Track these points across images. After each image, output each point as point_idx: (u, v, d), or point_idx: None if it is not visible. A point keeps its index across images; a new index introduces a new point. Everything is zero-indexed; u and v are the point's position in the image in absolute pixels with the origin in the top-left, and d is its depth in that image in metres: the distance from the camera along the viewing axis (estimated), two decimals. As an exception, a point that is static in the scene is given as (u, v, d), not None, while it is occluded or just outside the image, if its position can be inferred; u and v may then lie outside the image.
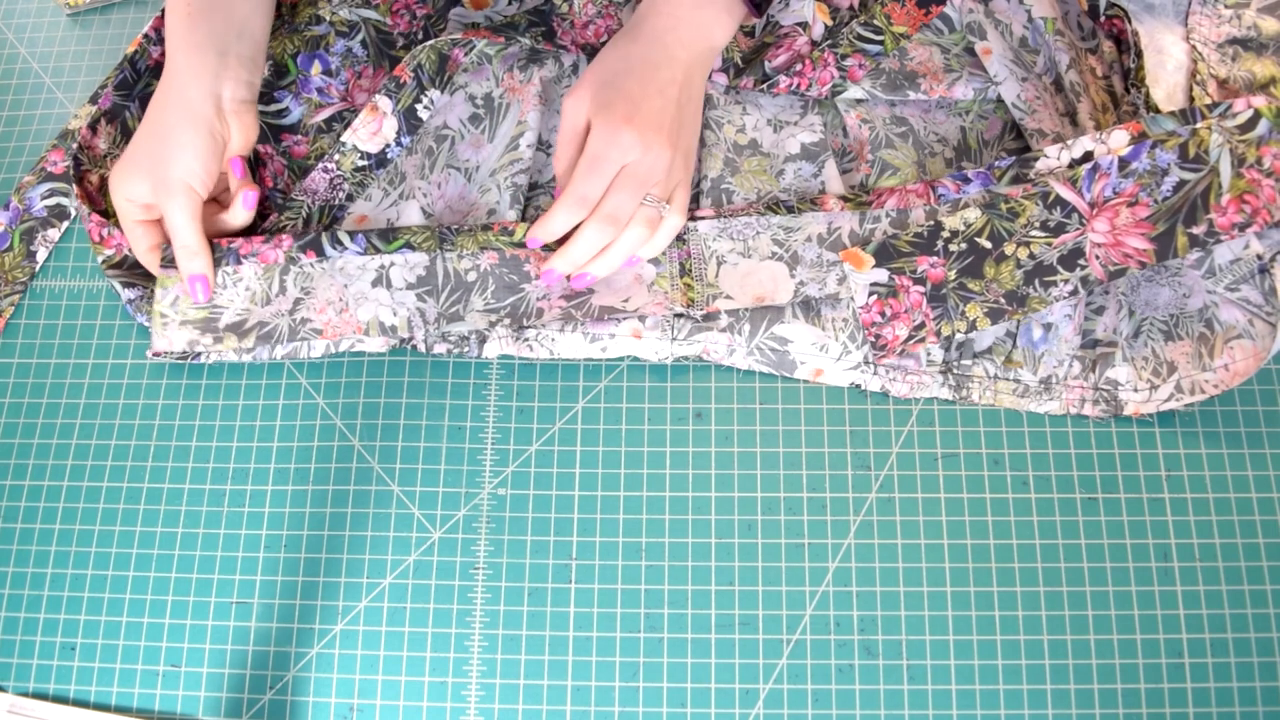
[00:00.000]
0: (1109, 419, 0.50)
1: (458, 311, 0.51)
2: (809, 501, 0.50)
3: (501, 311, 0.51)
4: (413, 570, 0.50)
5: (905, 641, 0.47)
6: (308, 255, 0.52)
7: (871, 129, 0.56)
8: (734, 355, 0.51)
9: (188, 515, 0.51)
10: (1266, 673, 0.46)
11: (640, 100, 0.49)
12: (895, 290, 0.50)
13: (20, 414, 0.54)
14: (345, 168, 0.55)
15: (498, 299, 0.51)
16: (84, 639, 0.50)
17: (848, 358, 0.51)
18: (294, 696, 0.48)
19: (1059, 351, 0.50)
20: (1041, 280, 0.49)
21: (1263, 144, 0.48)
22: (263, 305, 0.52)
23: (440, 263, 0.52)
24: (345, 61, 0.57)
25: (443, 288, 0.51)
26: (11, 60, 0.64)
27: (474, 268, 0.52)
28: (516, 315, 0.51)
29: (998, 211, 0.50)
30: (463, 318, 0.51)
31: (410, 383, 0.53)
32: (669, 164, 0.49)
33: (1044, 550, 0.49)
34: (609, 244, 0.49)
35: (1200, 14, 0.55)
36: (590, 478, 0.51)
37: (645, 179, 0.48)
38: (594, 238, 0.49)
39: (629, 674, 0.48)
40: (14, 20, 0.65)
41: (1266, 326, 0.49)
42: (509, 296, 0.51)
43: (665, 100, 0.49)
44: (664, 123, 0.49)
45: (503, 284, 0.51)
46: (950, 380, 0.51)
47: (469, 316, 0.51)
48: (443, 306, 0.51)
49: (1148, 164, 0.49)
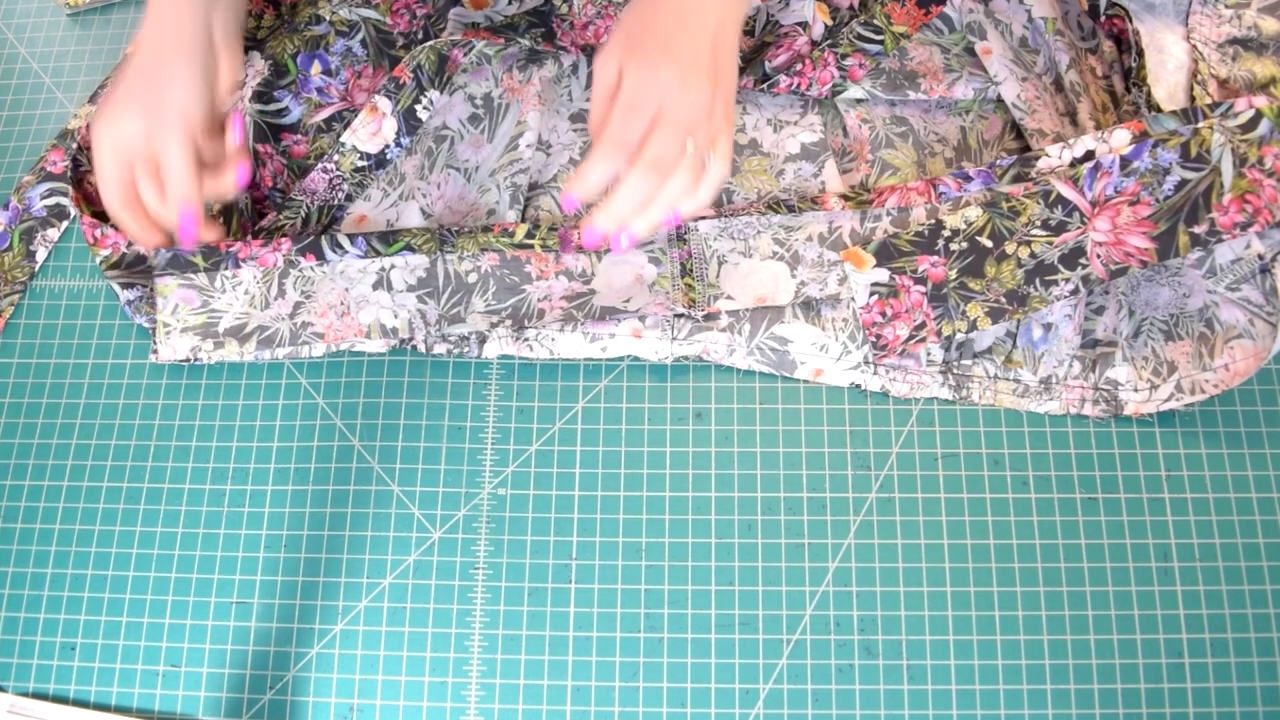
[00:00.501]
0: (1109, 419, 0.50)
1: (459, 313, 0.51)
2: (809, 501, 0.50)
3: (503, 312, 0.51)
4: (413, 570, 0.50)
5: (905, 641, 0.47)
6: (307, 259, 0.52)
7: (871, 129, 0.56)
8: (734, 355, 0.51)
9: (188, 515, 0.51)
10: (1266, 673, 0.46)
11: (674, 38, 0.45)
12: (896, 290, 0.50)
13: (20, 414, 0.54)
14: (344, 168, 0.55)
15: (499, 300, 0.51)
16: (84, 639, 0.50)
17: (848, 358, 0.51)
18: (294, 696, 0.48)
19: (1059, 351, 0.50)
20: (1042, 279, 0.49)
21: (1264, 144, 0.48)
22: (262, 309, 0.52)
23: (441, 264, 0.52)
24: (345, 61, 0.57)
25: (443, 289, 0.51)
26: (11, 60, 0.64)
27: (475, 269, 0.52)
28: (518, 316, 0.51)
29: (999, 210, 0.50)
30: (464, 319, 0.51)
31: (410, 383, 0.53)
32: (709, 103, 0.45)
33: (1044, 550, 0.49)
34: (652, 196, 0.45)
35: (1201, 14, 0.55)
36: (590, 478, 0.51)
37: (686, 120, 0.45)
38: (637, 186, 0.45)
39: (629, 674, 0.48)
40: (14, 20, 0.65)
41: (1267, 326, 0.49)
42: (510, 298, 0.51)
43: (700, 41, 0.45)
44: (701, 61, 0.45)
45: (504, 285, 0.51)
46: (950, 380, 0.51)
47: (470, 318, 0.51)
48: (444, 308, 0.51)
49: (1149, 163, 0.49)
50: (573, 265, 0.52)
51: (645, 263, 0.52)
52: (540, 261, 0.52)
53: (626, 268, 0.52)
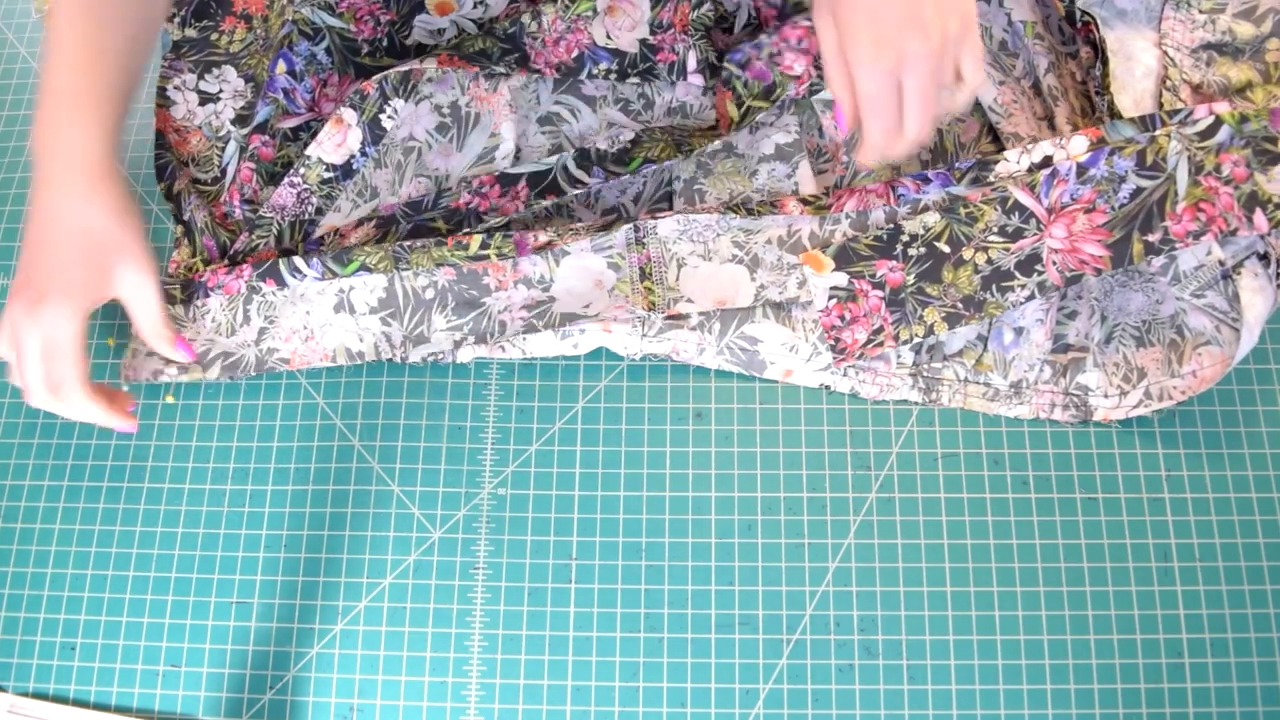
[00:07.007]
0: (1084, 424, 0.50)
1: (423, 333, 0.51)
2: (809, 501, 0.50)
3: (465, 328, 0.51)
4: (413, 570, 0.50)
5: (905, 641, 0.47)
6: (267, 283, 0.52)
7: None
8: (704, 355, 0.51)
9: (188, 515, 0.51)
10: (1266, 673, 0.46)
11: None
12: (854, 294, 0.50)
13: (20, 414, 0.54)
14: (311, 180, 0.55)
15: (458, 315, 0.51)
16: (84, 639, 0.50)
17: (818, 359, 0.51)
18: (294, 696, 0.48)
19: (1030, 356, 0.50)
20: (999, 285, 0.49)
21: (1223, 151, 0.48)
22: (228, 336, 0.52)
23: (398, 282, 0.52)
24: (310, 68, 0.57)
25: (404, 308, 0.52)
26: (12, 60, 0.64)
27: (431, 284, 0.52)
28: (480, 332, 0.51)
29: (956, 216, 0.50)
30: (428, 339, 0.51)
31: (410, 383, 0.53)
32: (942, 25, 0.41)
33: (1044, 550, 0.49)
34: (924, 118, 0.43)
35: (1173, 19, 0.55)
36: (590, 478, 0.51)
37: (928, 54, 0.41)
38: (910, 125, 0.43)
39: (629, 674, 0.48)
40: (14, 20, 0.65)
41: (1232, 332, 0.49)
42: (469, 312, 0.51)
43: None
44: None
45: (462, 300, 0.51)
46: (920, 383, 0.51)
47: (434, 337, 0.51)
48: (407, 329, 0.51)
49: (1105, 170, 0.49)
50: (530, 271, 0.52)
51: (604, 268, 0.52)
52: (498, 271, 0.52)
53: (585, 273, 0.52)
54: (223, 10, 0.62)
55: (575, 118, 0.57)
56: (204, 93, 0.60)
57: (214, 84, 0.60)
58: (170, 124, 0.60)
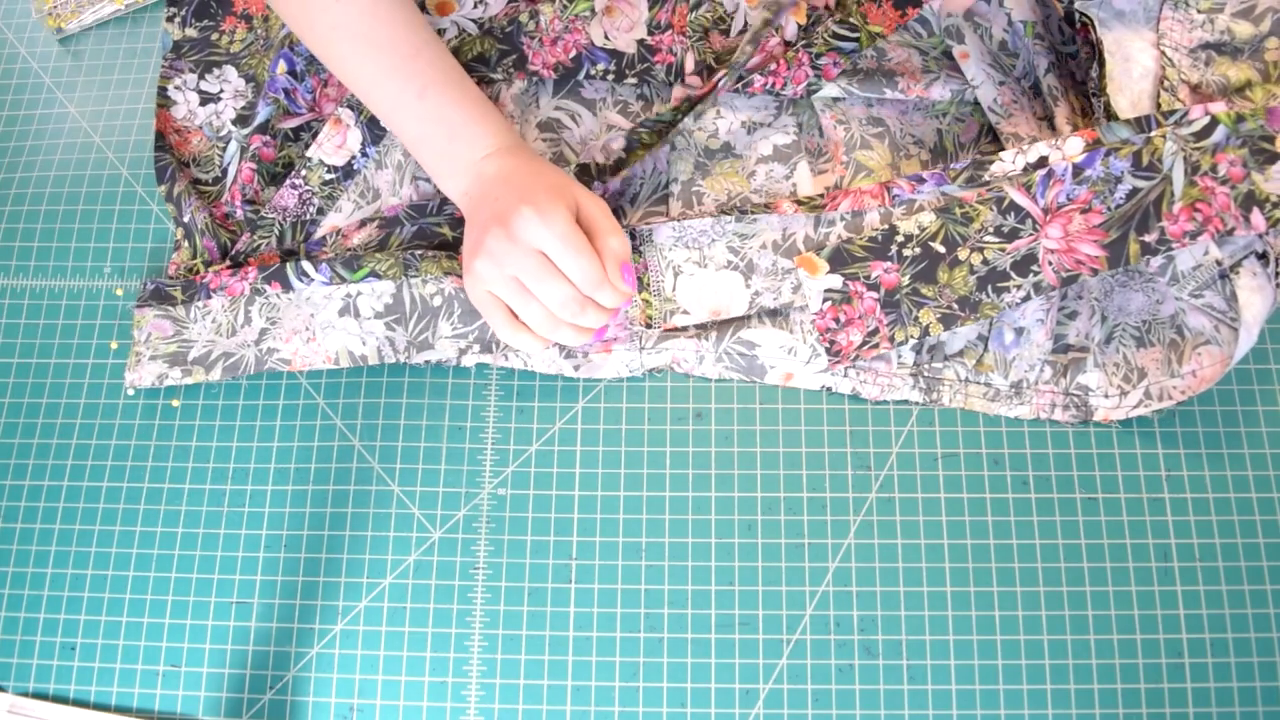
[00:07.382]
0: (1085, 424, 0.50)
1: (427, 339, 0.51)
2: (809, 501, 0.50)
3: (469, 336, 0.51)
4: (413, 570, 0.50)
5: (905, 641, 0.47)
6: (273, 286, 0.52)
7: (847, 129, 0.55)
8: (703, 363, 0.52)
9: (188, 515, 0.51)
10: (1266, 673, 0.46)
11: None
12: (849, 296, 0.50)
13: (20, 414, 0.54)
14: (313, 182, 0.55)
15: (464, 323, 0.51)
16: (84, 639, 0.50)
17: (817, 360, 0.51)
18: (294, 696, 0.48)
19: (1030, 356, 0.50)
20: (995, 286, 0.49)
21: (1218, 151, 0.48)
22: (228, 337, 0.52)
23: (406, 289, 0.52)
24: (311, 68, 0.57)
25: (410, 314, 0.52)
26: (12, 60, 0.64)
27: (439, 292, 0.52)
28: (485, 341, 0.51)
29: (952, 216, 0.50)
30: (432, 345, 0.51)
31: (410, 383, 0.53)
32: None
33: (1044, 550, 0.49)
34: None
35: (1172, 19, 0.55)
36: (590, 478, 0.51)
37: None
38: None
39: (629, 674, 0.48)
40: (14, 20, 0.65)
41: (1231, 332, 0.49)
42: (475, 320, 0.51)
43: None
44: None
45: (468, 308, 0.51)
46: (921, 383, 0.51)
47: (438, 344, 0.51)
48: (412, 334, 0.51)
49: (1101, 171, 0.49)
50: None
51: None
52: None
53: None
54: (223, 10, 0.62)
55: (576, 123, 0.57)
56: (205, 93, 0.60)
57: (215, 84, 0.60)
58: (171, 124, 0.60)
